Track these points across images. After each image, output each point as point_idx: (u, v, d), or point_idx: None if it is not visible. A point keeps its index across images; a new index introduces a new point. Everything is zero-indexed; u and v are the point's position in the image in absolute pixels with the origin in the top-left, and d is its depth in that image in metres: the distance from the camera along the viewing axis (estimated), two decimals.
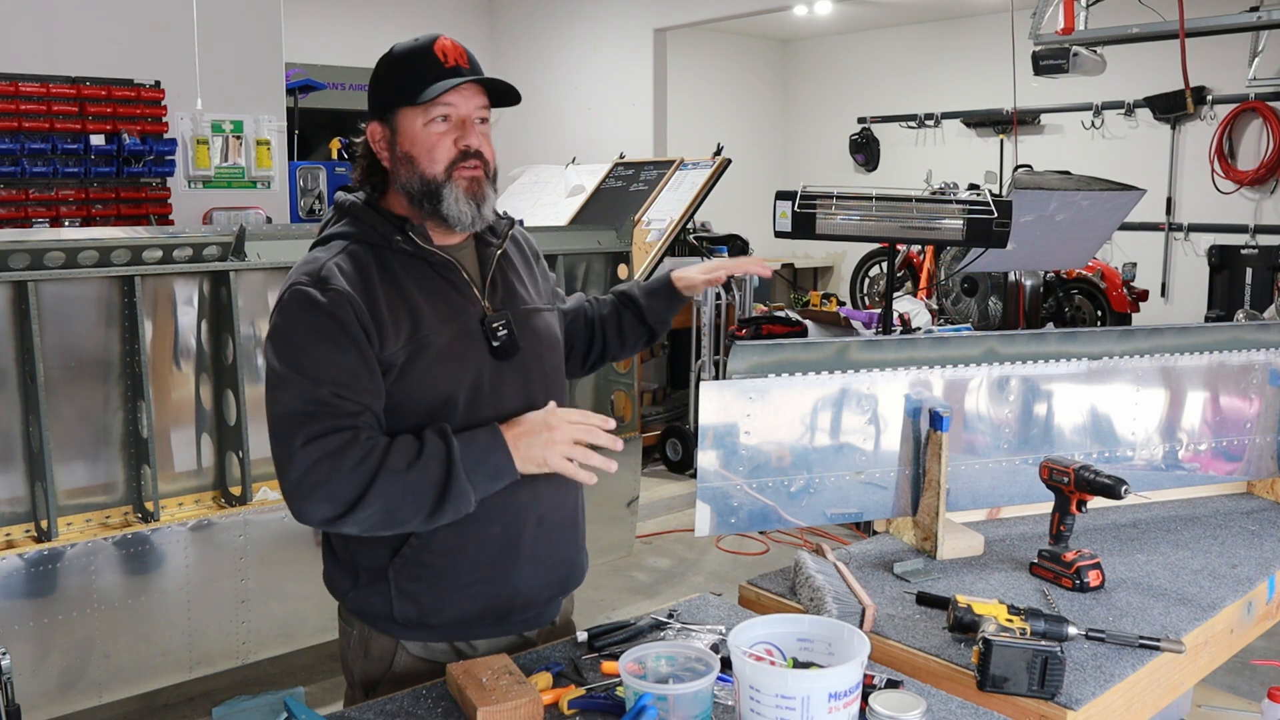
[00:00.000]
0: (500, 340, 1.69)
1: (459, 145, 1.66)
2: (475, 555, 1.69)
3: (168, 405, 3.31)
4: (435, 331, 1.65)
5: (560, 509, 1.78)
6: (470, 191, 1.66)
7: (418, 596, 1.70)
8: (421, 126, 1.65)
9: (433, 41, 1.66)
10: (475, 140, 1.66)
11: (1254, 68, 7.35)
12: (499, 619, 1.75)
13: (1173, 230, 8.99)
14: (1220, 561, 2.18)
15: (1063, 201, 4.86)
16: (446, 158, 1.65)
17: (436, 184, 1.65)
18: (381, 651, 1.75)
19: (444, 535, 1.66)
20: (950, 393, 2.23)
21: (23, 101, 5.04)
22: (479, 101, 1.68)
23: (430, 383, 1.64)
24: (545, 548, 1.75)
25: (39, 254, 2.93)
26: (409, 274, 1.67)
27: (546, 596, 1.80)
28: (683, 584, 4.71)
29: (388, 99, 1.67)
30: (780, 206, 4.31)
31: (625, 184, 6.60)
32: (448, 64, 1.64)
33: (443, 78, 1.63)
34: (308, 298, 1.58)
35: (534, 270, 1.88)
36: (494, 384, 1.68)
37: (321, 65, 8.08)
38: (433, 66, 1.64)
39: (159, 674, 3.23)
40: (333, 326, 1.57)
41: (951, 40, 10.42)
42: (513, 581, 1.73)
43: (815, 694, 1.34)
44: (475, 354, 1.67)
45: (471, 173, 1.67)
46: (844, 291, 10.65)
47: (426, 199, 1.66)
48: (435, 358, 1.64)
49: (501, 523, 1.69)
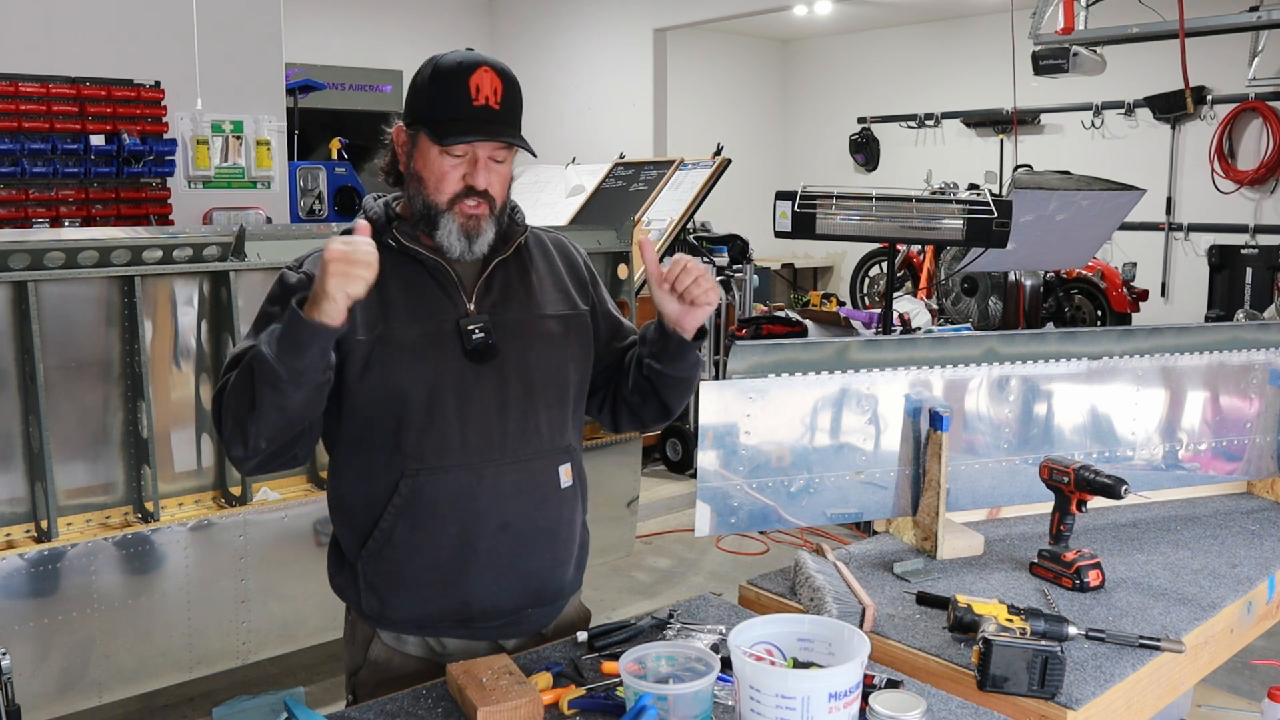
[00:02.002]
0: (474, 343, 1.69)
1: (466, 181, 1.67)
2: (431, 555, 1.69)
3: (168, 405, 3.31)
4: (403, 327, 1.67)
5: (530, 518, 1.73)
6: (465, 228, 1.68)
7: (380, 591, 1.72)
8: (436, 154, 1.66)
9: (472, 70, 1.64)
10: (483, 180, 1.67)
11: (1254, 67, 7.35)
12: (460, 623, 1.74)
13: (1173, 230, 8.99)
14: (1220, 561, 2.18)
15: (1063, 201, 4.86)
16: (451, 191, 1.67)
17: (437, 211, 1.68)
18: (363, 638, 1.78)
19: (403, 532, 1.68)
20: (950, 393, 2.23)
21: (23, 101, 5.03)
22: (496, 145, 1.67)
23: (389, 377, 1.66)
24: (508, 556, 1.72)
25: (39, 254, 2.93)
26: (396, 271, 1.69)
27: (512, 607, 1.76)
28: (683, 584, 4.71)
29: (415, 114, 1.69)
30: (780, 206, 4.31)
31: (625, 184, 6.60)
32: (476, 101, 1.63)
33: (465, 118, 1.63)
34: (282, 277, 1.70)
35: (563, 278, 1.84)
36: (463, 385, 1.68)
37: (321, 65, 8.09)
38: (461, 103, 1.63)
39: (159, 674, 3.23)
40: (287, 299, 1.60)
41: (951, 40, 10.42)
42: (469, 586, 1.71)
43: (815, 694, 1.34)
44: (443, 354, 1.68)
45: (473, 210, 1.68)
46: (844, 291, 10.65)
47: (426, 221, 1.70)
48: (398, 353, 1.66)
49: (459, 524, 1.69)
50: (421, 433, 1.67)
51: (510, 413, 1.71)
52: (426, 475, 1.67)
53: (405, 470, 1.67)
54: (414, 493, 1.67)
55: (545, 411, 1.76)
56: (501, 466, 1.70)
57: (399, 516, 1.68)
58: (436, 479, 1.68)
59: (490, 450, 1.70)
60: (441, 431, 1.68)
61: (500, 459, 1.70)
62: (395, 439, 1.68)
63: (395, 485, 1.68)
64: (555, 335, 1.79)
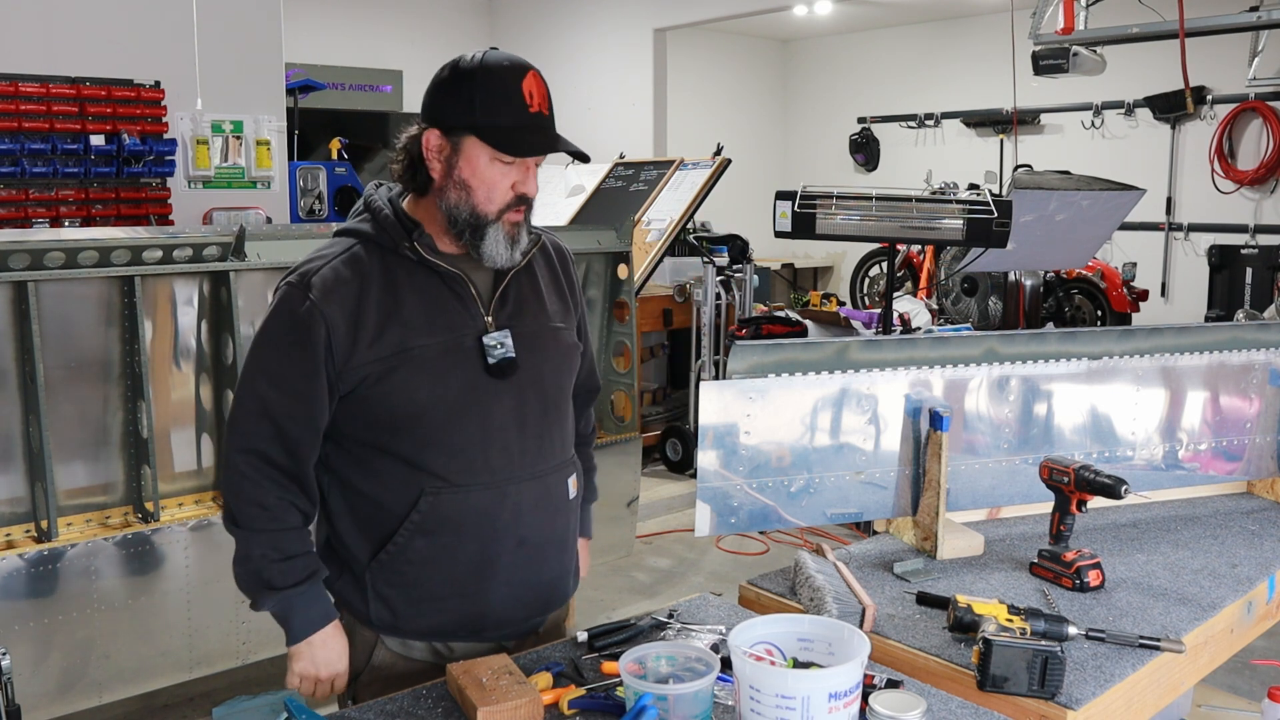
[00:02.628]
0: (496, 358, 1.67)
1: (516, 190, 1.65)
2: (450, 570, 1.68)
3: (168, 405, 3.31)
4: (423, 343, 1.64)
5: (544, 531, 1.74)
6: (510, 235, 1.67)
7: (392, 602, 1.71)
8: (487, 162, 1.62)
9: (522, 75, 1.60)
10: (533, 188, 1.66)
11: (1254, 67, 7.34)
12: (473, 631, 1.75)
13: (1173, 230, 8.99)
14: (1220, 561, 2.18)
15: (1063, 201, 4.86)
16: (503, 200, 1.64)
17: (485, 221, 1.64)
18: (364, 643, 1.77)
19: (421, 547, 1.67)
20: (950, 393, 2.23)
21: (23, 101, 5.03)
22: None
23: (408, 393, 1.63)
24: (525, 569, 1.73)
25: (39, 254, 2.92)
26: (411, 282, 1.66)
27: (525, 616, 1.78)
28: (683, 584, 4.71)
29: (459, 118, 1.61)
30: (780, 206, 4.31)
31: (625, 184, 6.60)
32: (532, 108, 1.60)
33: (525, 127, 1.60)
34: (289, 305, 1.64)
35: (561, 284, 1.83)
36: (483, 400, 1.67)
37: (321, 65, 8.09)
38: (519, 111, 1.60)
39: (159, 674, 3.23)
40: (301, 337, 1.62)
41: (951, 40, 10.42)
42: (487, 600, 1.71)
43: (815, 694, 1.34)
44: (464, 369, 1.66)
45: (518, 217, 1.66)
46: (844, 291, 10.65)
47: (471, 231, 1.65)
48: (418, 368, 1.63)
49: (480, 541, 1.68)
50: (443, 451, 1.65)
51: (528, 429, 1.71)
52: (449, 494, 1.66)
53: (425, 487, 1.65)
54: (434, 509, 1.66)
55: (557, 425, 1.76)
56: (521, 484, 1.70)
57: (417, 532, 1.67)
58: (459, 497, 1.66)
59: (511, 468, 1.69)
60: (463, 450, 1.66)
61: (520, 476, 1.70)
62: (415, 455, 1.66)
63: (415, 501, 1.66)
64: (563, 346, 1.79)
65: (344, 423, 1.68)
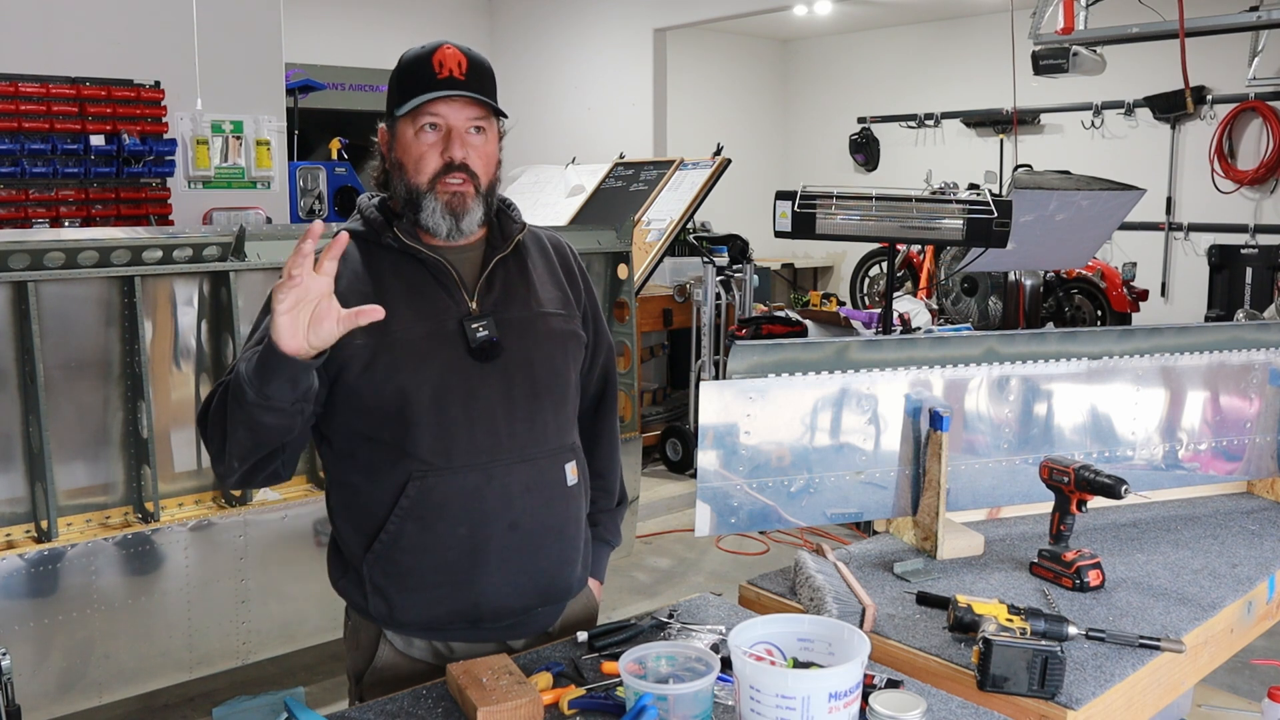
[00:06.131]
0: (478, 341, 1.68)
1: (444, 157, 1.67)
2: (441, 556, 1.68)
3: (168, 405, 3.31)
4: (406, 329, 1.66)
5: (539, 516, 1.73)
6: (449, 206, 1.68)
7: (387, 593, 1.71)
8: (412, 136, 1.68)
9: (434, 50, 1.67)
10: (460, 152, 1.67)
11: (1254, 67, 7.34)
12: (470, 624, 1.74)
13: (1173, 230, 8.99)
14: (1220, 561, 2.18)
15: (1063, 201, 4.86)
16: (431, 169, 1.68)
17: (419, 193, 1.69)
18: (368, 642, 1.77)
19: (412, 533, 1.68)
20: (950, 393, 2.23)
21: (23, 102, 5.03)
22: (471, 112, 1.67)
23: (391, 379, 1.65)
24: (519, 555, 1.72)
25: (39, 254, 2.93)
26: (396, 270, 1.70)
27: (521, 606, 1.76)
28: (683, 584, 4.71)
29: (389, 107, 1.71)
30: (780, 206, 4.31)
31: (625, 184, 6.60)
32: (440, 74, 1.65)
33: (431, 89, 1.64)
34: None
35: (559, 276, 1.85)
36: (468, 383, 1.68)
37: (321, 65, 8.09)
38: (425, 77, 1.65)
39: (159, 674, 3.23)
40: None
41: (951, 40, 10.42)
42: (479, 586, 1.70)
43: (815, 694, 1.34)
44: (447, 354, 1.67)
45: (456, 187, 1.68)
46: (844, 291, 10.65)
47: (409, 207, 1.71)
48: (401, 354, 1.65)
49: (469, 524, 1.68)
50: (428, 434, 1.66)
51: (517, 411, 1.71)
52: (435, 477, 1.66)
53: (413, 472, 1.66)
54: (422, 494, 1.66)
55: (550, 409, 1.76)
56: (510, 465, 1.70)
57: (407, 518, 1.67)
58: (445, 480, 1.67)
59: (498, 449, 1.69)
60: (448, 432, 1.67)
61: (508, 458, 1.70)
62: (401, 440, 1.67)
63: (402, 487, 1.67)
64: (556, 333, 1.80)
65: (334, 416, 1.70)
